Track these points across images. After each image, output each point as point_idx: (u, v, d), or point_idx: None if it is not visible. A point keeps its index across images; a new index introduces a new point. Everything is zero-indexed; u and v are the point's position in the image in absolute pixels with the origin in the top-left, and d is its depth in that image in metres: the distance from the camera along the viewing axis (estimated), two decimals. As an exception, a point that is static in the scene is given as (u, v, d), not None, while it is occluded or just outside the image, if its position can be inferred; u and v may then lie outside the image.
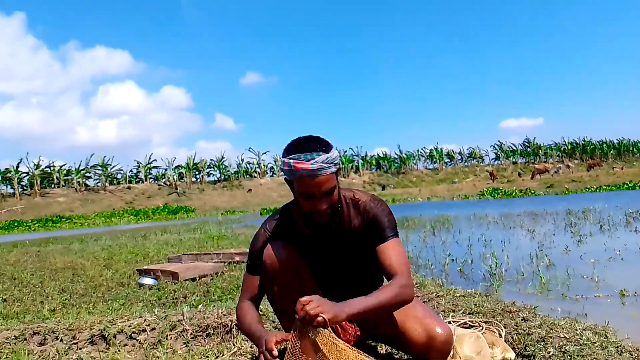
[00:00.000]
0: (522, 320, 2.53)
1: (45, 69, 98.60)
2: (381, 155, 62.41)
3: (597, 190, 22.98)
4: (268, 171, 57.87)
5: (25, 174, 46.38)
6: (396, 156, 62.46)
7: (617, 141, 70.83)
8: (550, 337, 2.25)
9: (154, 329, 2.73)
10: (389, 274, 1.68)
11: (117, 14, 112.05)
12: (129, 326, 2.75)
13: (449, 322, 2.43)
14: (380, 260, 1.73)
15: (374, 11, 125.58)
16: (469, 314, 2.73)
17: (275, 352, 1.52)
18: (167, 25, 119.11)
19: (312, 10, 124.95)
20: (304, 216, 1.79)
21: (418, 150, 63.76)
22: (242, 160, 56.34)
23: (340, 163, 1.75)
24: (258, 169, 56.78)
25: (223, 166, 54.95)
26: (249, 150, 61.25)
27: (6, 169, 45.60)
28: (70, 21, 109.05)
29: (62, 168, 48.65)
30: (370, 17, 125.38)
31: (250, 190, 50.24)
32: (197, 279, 5.17)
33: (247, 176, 56.07)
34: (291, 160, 1.62)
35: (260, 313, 2.96)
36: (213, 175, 55.54)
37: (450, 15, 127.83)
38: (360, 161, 59.87)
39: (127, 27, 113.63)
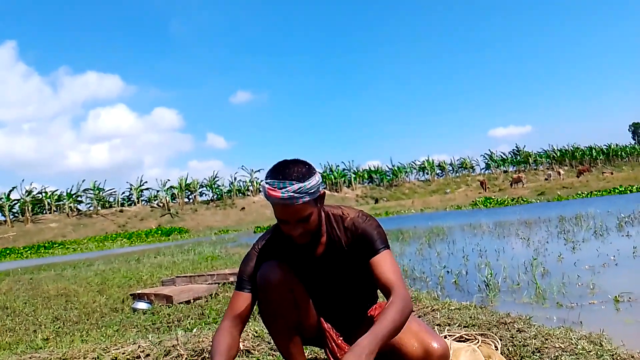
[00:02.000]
0: (517, 331, 2.53)
1: (37, 95, 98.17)
2: (373, 168, 62.54)
3: (588, 196, 23.15)
4: (261, 189, 57.52)
5: (16, 201, 45.92)
6: (388, 169, 62.61)
7: (606, 146, 71.55)
8: (546, 347, 2.26)
9: (148, 355, 2.70)
10: (384, 286, 1.69)
11: (107, 38, 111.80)
12: (123, 353, 2.72)
13: (445, 337, 2.43)
14: (374, 273, 1.73)
15: (361, 27, 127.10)
16: (464, 327, 2.73)
17: None
18: (156, 47, 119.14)
19: (300, 26, 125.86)
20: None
21: (410, 163, 64.04)
22: (235, 178, 56.22)
23: (322, 189, 1.72)
24: (251, 187, 56.57)
25: (215, 185, 54.74)
26: (242, 169, 61.18)
27: (-3, 196, 45.16)
28: (61, 47, 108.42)
29: (54, 193, 48.25)
30: (358, 33, 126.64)
31: (243, 208, 50.01)
32: (192, 301, 5.13)
33: (240, 194, 55.84)
34: (266, 185, 1.64)
35: (256, 334, 2.96)
36: (206, 195, 55.30)
37: (435, 28, 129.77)
38: (353, 175, 59.92)
39: (117, 51, 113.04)
